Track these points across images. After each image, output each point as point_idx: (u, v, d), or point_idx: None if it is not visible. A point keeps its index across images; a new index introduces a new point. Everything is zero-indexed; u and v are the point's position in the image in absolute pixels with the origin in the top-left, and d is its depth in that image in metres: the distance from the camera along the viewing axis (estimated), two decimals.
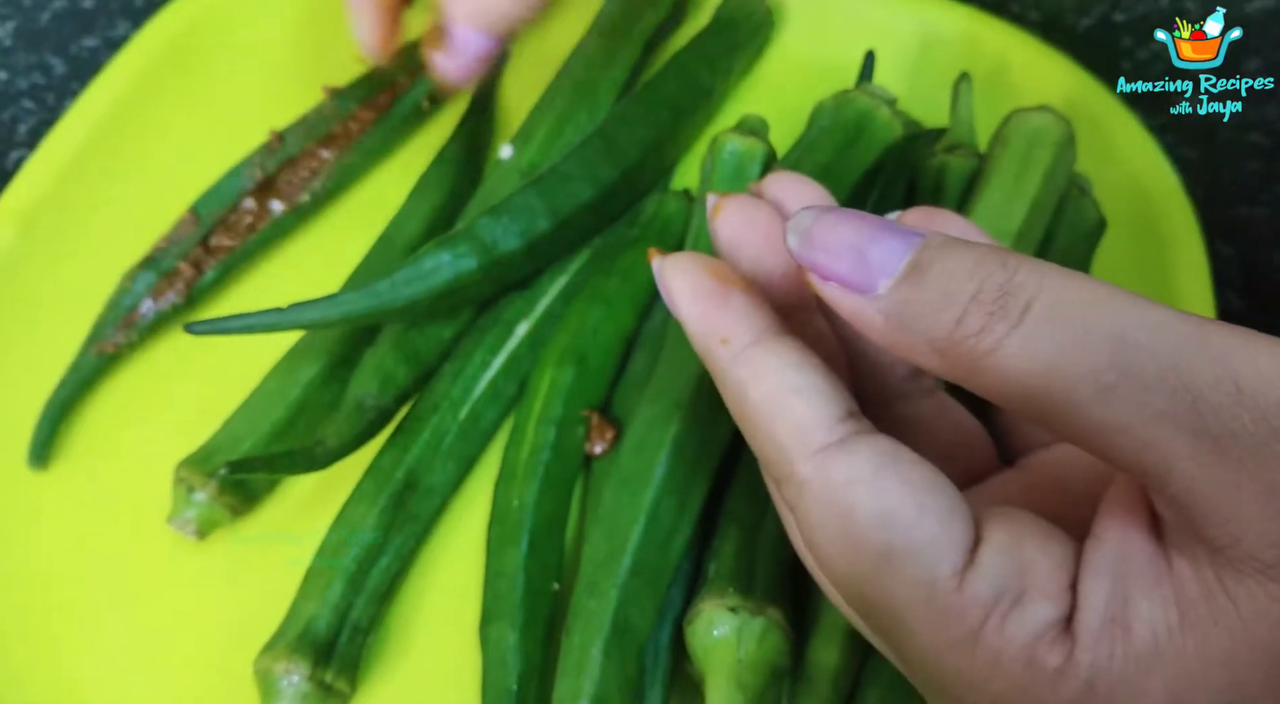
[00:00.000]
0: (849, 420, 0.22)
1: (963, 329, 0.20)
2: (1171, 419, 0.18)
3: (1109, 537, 0.20)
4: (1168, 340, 0.18)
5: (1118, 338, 0.18)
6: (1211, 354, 0.18)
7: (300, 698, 0.34)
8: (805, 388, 0.22)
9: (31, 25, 0.54)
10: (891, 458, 0.21)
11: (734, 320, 0.24)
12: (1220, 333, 0.18)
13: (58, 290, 0.44)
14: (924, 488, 0.21)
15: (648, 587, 0.33)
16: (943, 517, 0.21)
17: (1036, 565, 0.20)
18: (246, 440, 0.38)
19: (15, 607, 0.38)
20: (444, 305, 0.39)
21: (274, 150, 0.45)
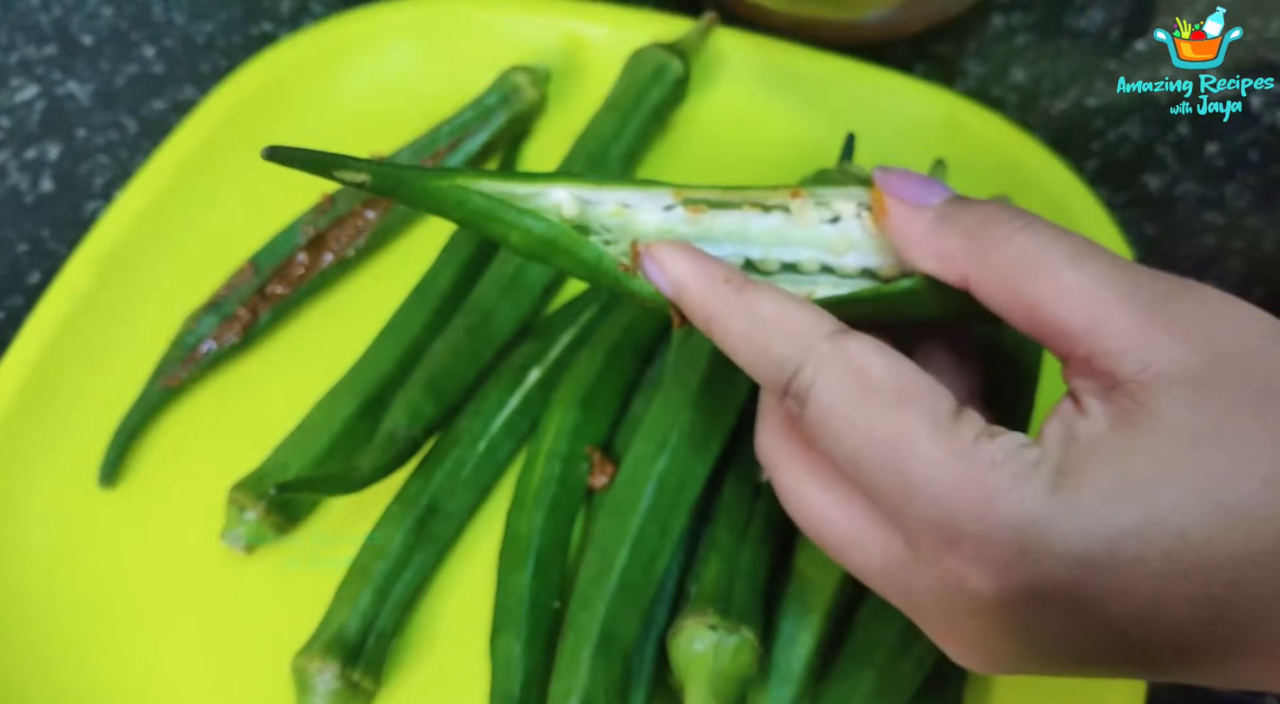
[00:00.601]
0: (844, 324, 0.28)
1: (989, 223, 0.27)
2: (1112, 284, 0.25)
3: (1047, 418, 0.26)
4: (1112, 253, 0.26)
5: (1087, 241, 0.26)
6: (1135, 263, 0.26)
7: (331, 694, 0.37)
8: (805, 302, 0.28)
9: (107, 88, 0.57)
10: (885, 344, 0.27)
11: (725, 266, 0.29)
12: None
13: (128, 329, 0.46)
14: (912, 362, 0.27)
15: (632, 601, 0.36)
16: (934, 380, 0.26)
17: (1002, 428, 0.26)
18: (293, 466, 0.41)
19: (84, 608, 0.41)
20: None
21: (325, 210, 0.48)
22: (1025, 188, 0.46)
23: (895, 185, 0.29)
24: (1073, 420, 0.25)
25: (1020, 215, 0.27)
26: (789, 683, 0.36)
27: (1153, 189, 0.54)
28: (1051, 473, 0.24)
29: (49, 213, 0.53)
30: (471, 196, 0.30)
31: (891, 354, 0.27)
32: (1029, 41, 0.59)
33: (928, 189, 0.29)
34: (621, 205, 0.30)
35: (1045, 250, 0.26)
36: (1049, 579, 0.23)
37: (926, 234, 0.28)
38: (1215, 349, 0.24)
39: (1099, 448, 0.24)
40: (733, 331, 0.28)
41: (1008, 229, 0.26)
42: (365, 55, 0.54)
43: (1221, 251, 0.52)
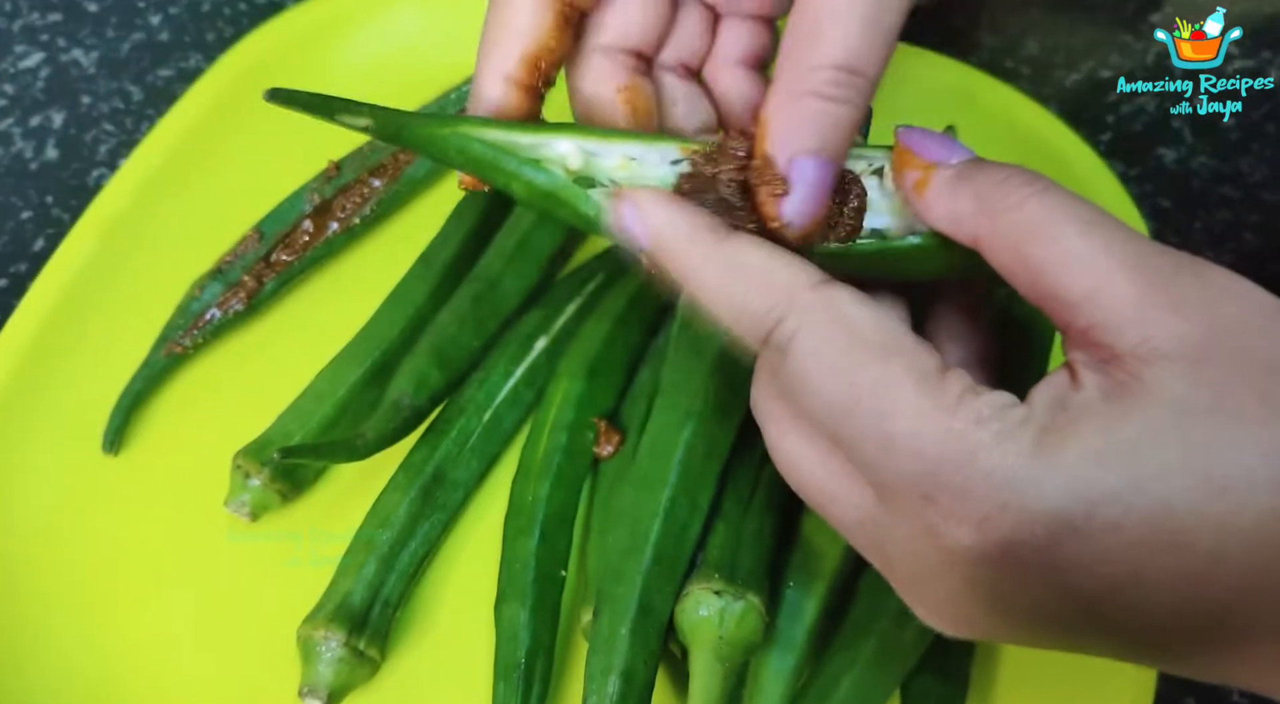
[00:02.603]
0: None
1: (1005, 185, 0.26)
2: (1119, 254, 0.24)
3: (1039, 385, 0.25)
4: (1122, 223, 0.25)
5: (1097, 210, 0.25)
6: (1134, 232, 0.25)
7: (336, 663, 0.37)
8: (790, 253, 0.28)
9: (113, 55, 0.57)
10: (869, 296, 0.27)
11: (708, 215, 0.28)
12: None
13: (133, 296, 0.46)
14: (898, 316, 0.27)
15: (667, 573, 0.36)
16: (920, 339, 0.26)
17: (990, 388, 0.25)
18: (297, 433, 0.41)
19: (89, 575, 0.41)
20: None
21: (331, 178, 0.48)
22: (1039, 160, 0.45)
23: (916, 142, 0.29)
24: (1064, 389, 0.25)
25: (1037, 180, 0.26)
26: (792, 650, 0.36)
27: (1168, 162, 0.53)
28: (1037, 432, 0.24)
29: (53, 180, 0.53)
30: (473, 144, 0.30)
31: (877, 307, 0.26)
32: (1043, 13, 0.58)
33: (948, 149, 0.28)
34: (628, 158, 0.30)
35: (1055, 216, 0.25)
36: (1027, 537, 0.23)
37: (941, 192, 0.27)
38: (1216, 326, 0.24)
39: (1088, 413, 0.24)
40: (710, 281, 0.28)
41: (1022, 193, 0.26)
42: (372, 23, 0.54)
43: (1236, 225, 0.51)
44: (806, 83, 0.27)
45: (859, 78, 0.28)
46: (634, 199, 0.28)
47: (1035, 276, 0.25)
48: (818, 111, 0.28)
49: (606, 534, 0.38)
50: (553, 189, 0.29)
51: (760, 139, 0.28)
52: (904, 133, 0.29)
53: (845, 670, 0.36)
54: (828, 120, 0.28)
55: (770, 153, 0.28)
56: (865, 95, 0.28)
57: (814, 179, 0.28)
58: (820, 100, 0.27)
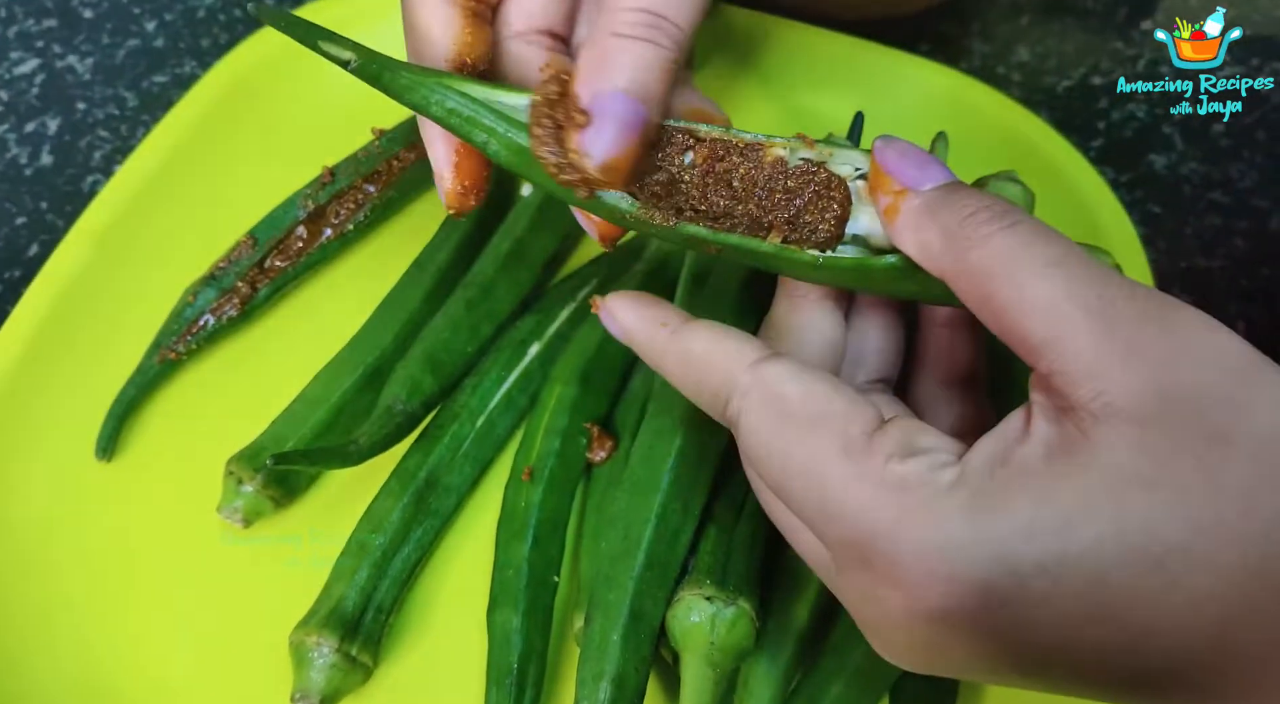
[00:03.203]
0: (770, 350, 0.29)
1: (972, 221, 0.26)
2: (1082, 300, 0.24)
3: (992, 431, 0.25)
4: (1093, 262, 0.25)
5: (1067, 247, 0.25)
6: (1116, 273, 0.25)
7: (328, 668, 0.37)
8: (734, 334, 0.29)
9: (108, 62, 0.57)
10: (809, 366, 0.28)
11: (666, 312, 0.31)
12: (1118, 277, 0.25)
13: (127, 302, 0.46)
14: (836, 384, 0.27)
15: (658, 579, 0.36)
16: (853, 398, 0.27)
17: (933, 441, 0.26)
18: (290, 439, 0.41)
19: (82, 581, 0.41)
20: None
21: (325, 184, 0.48)
22: (1030, 167, 0.46)
23: (892, 162, 0.28)
24: (1012, 442, 0.24)
25: (1006, 215, 0.26)
26: (782, 655, 0.36)
27: (1158, 168, 0.53)
28: (967, 497, 0.23)
29: (48, 186, 0.53)
30: (452, 96, 0.29)
31: (811, 376, 0.27)
32: (1034, 20, 0.58)
33: (923, 170, 0.28)
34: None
35: (1019, 255, 0.25)
36: (957, 605, 0.23)
37: (911, 221, 0.27)
38: (1172, 385, 0.23)
39: (1026, 476, 0.23)
40: (673, 372, 0.30)
41: (988, 229, 0.26)
42: (367, 28, 0.53)
43: (1227, 231, 0.51)
44: (610, 24, 0.29)
45: (664, 21, 0.28)
46: (606, 305, 0.32)
47: (998, 317, 0.25)
48: (619, 48, 0.28)
49: (599, 539, 0.38)
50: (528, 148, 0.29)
51: (571, 80, 0.29)
52: (880, 148, 0.29)
53: (835, 675, 0.36)
54: (628, 57, 0.28)
55: (576, 90, 0.28)
56: (673, 38, 0.29)
57: (612, 111, 0.28)
58: (621, 39, 0.28)
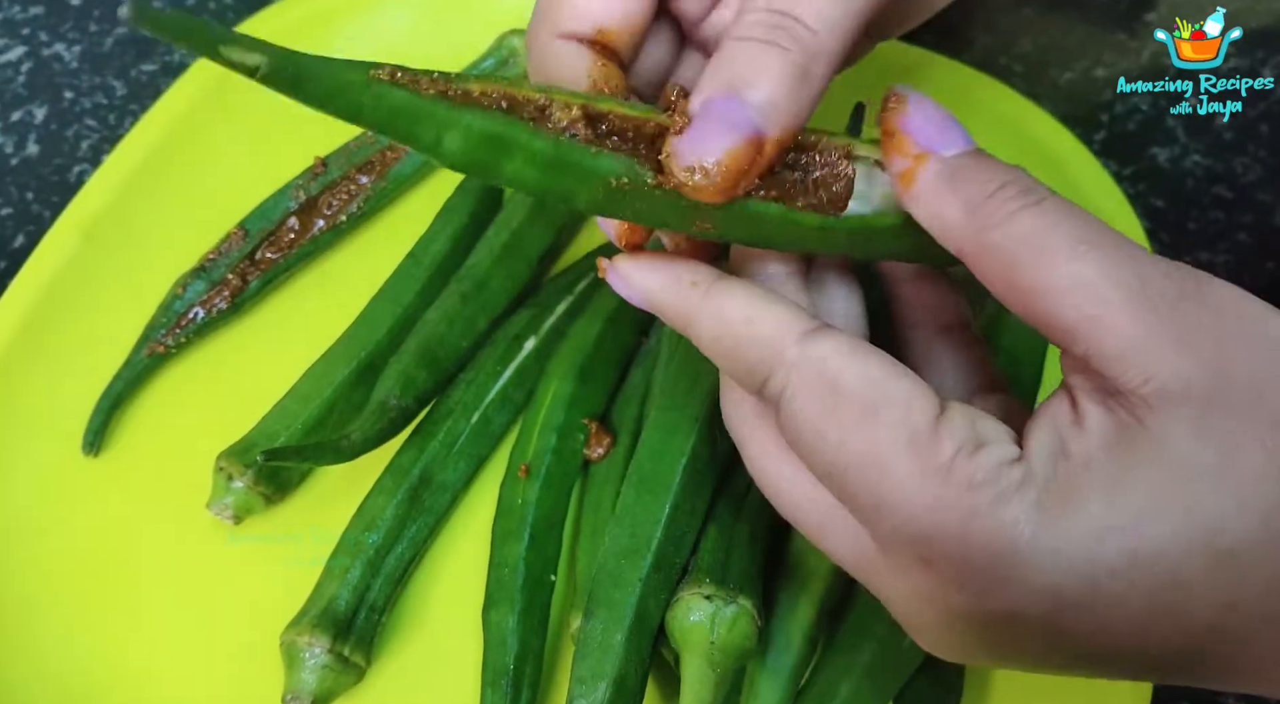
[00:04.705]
0: (818, 320, 0.26)
1: (998, 197, 0.24)
2: (1118, 280, 0.23)
3: (1039, 415, 0.24)
4: (1125, 238, 0.24)
5: (1097, 225, 0.24)
6: (1148, 253, 0.23)
7: (320, 669, 0.36)
8: (776, 300, 0.26)
9: (96, 50, 0.57)
10: (863, 343, 0.25)
11: (694, 268, 0.27)
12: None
13: (115, 294, 0.46)
14: (895, 365, 0.25)
15: (664, 580, 0.35)
16: (914, 381, 0.24)
17: (990, 427, 0.24)
18: (282, 434, 0.41)
19: (69, 578, 0.40)
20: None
21: (318, 175, 0.47)
22: (1034, 160, 0.44)
23: (910, 120, 0.26)
24: (1067, 431, 0.23)
25: (1031, 191, 0.24)
26: (788, 653, 0.36)
27: (1162, 162, 0.53)
28: (1036, 497, 0.22)
29: (34, 176, 0.53)
30: (393, 92, 0.24)
31: (866, 355, 0.25)
32: (1037, 12, 0.58)
33: (944, 133, 0.26)
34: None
35: (1047, 235, 0.23)
36: (1027, 608, 0.23)
37: (929, 191, 0.25)
38: (1225, 367, 0.22)
39: (1091, 471, 0.22)
40: (704, 336, 0.27)
41: (1014, 206, 0.24)
42: (360, 18, 0.54)
43: (1230, 225, 0.51)
44: (735, 28, 0.26)
45: (794, 23, 0.25)
46: (614, 269, 0.28)
47: (1026, 301, 0.24)
48: (736, 51, 0.26)
49: (601, 537, 0.37)
50: (498, 131, 0.25)
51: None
52: (898, 104, 0.26)
53: (845, 674, 0.36)
54: (744, 58, 0.25)
55: (690, 103, 0.26)
56: (802, 43, 0.25)
57: (717, 114, 0.25)
58: (740, 43, 0.25)
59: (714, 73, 0.26)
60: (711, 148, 0.25)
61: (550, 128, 0.25)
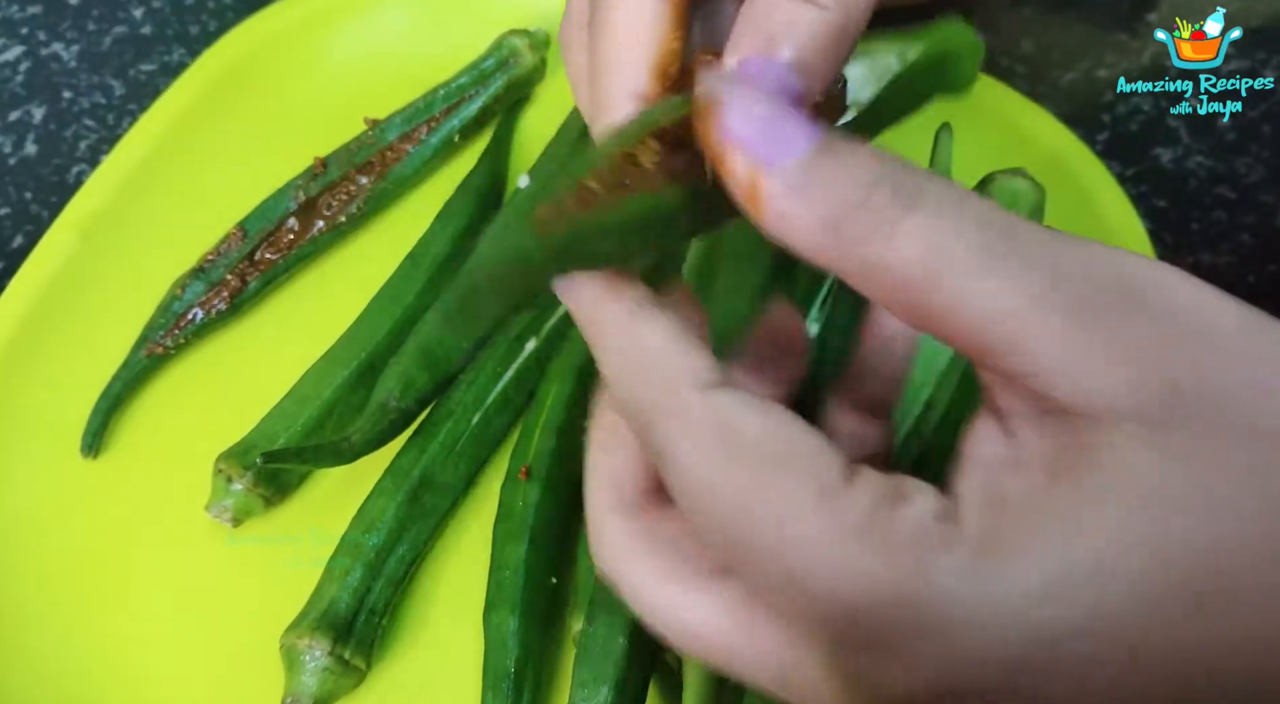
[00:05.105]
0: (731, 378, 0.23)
1: (864, 210, 0.20)
2: (1034, 291, 0.19)
3: (966, 450, 0.21)
4: (1036, 231, 0.20)
5: (998, 224, 0.20)
6: (1070, 243, 0.20)
7: (320, 672, 0.36)
8: (696, 344, 0.23)
9: (94, 49, 0.56)
10: (772, 401, 0.22)
11: (635, 290, 0.24)
12: (1075, 236, 0.20)
13: (113, 295, 0.45)
14: (801, 420, 0.21)
15: None
16: (823, 437, 0.21)
17: (910, 482, 0.21)
18: (281, 436, 0.41)
19: (67, 581, 0.40)
20: None
21: (317, 175, 0.47)
22: (1036, 160, 0.45)
23: (733, 126, 0.21)
24: (1000, 467, 0.20)
25: (906, 189, 0.20)
26: None
27: (1164, 162, 0.53)
28: (971, 554, 0.19)
29: (32, 176, 0.52)
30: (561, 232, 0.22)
31: (771, 409, 0.21)
32: (1038, 12, 0.58)
33: (776, 135, 0.21)
34: None
35: (942, 248, 0.19)
36: (975, 682, 0.19)
37: (777, 215, 0.21)
38: (1175, 374, 0.19)
39: (1034, 515, 0.19)
40: (610, 360, 0.23)
41: (890, 215, 0.20)
42: (359, 17, 0.53)
43: (1233, 226, 0.51)
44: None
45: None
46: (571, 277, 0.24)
47: (930, 323, 0.20)
48: (773, 7, 0.23)
49: None
50: None
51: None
52: (711, 103, 0.21)
53: None
54: (781, 16, 0.23)
55: (724, 61, 0.23)
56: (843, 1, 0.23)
57: (759, 77, 0.22)
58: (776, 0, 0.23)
59: (750, 28, 0.23)
60: (758, 113, 0.22)
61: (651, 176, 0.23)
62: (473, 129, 0.50)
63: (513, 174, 0.50)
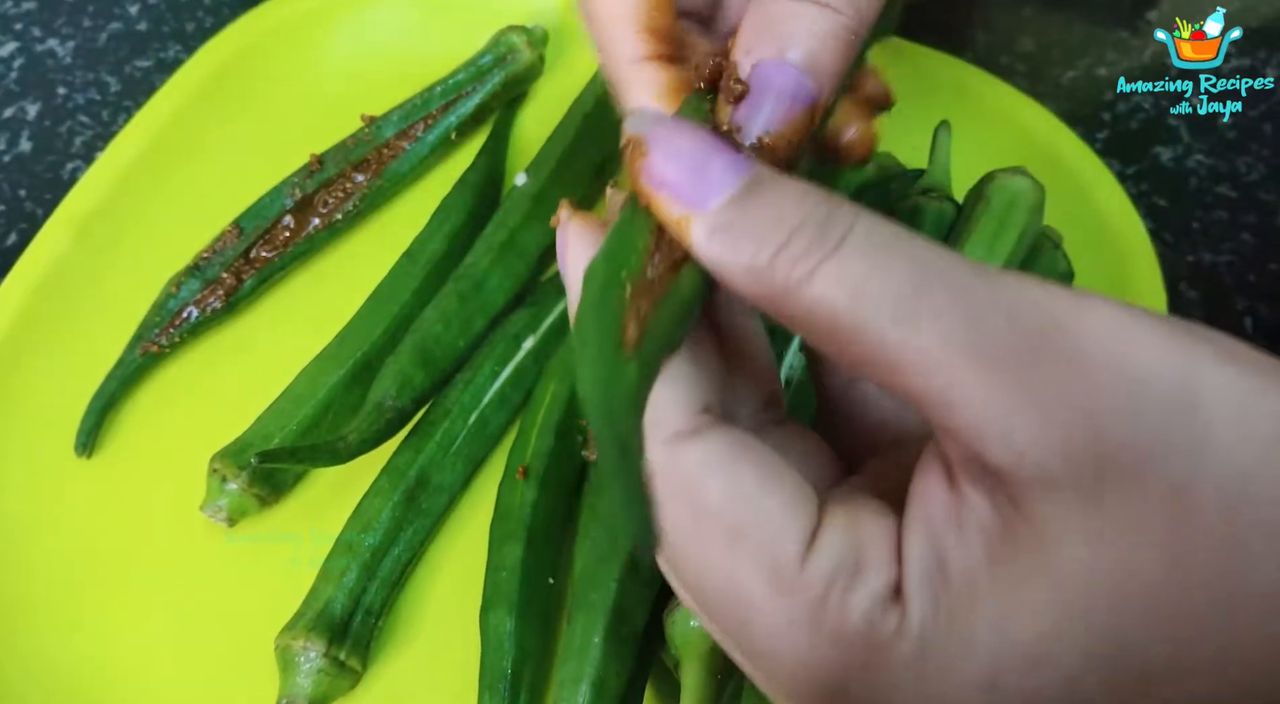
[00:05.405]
0: (706, 414, 0.22)
1: (785, 255, 0.20)
2: (960, 344, 0.18)
3: (916, 496, 0.21)
4: (962, 274, 0.19)
5: (920, 269, 0.19)
6: (994, 284, 0.19)
7: (316, 673, 0.36)
8: (672, 382, 0.22)
9: (90, 45, 0.56)
10: (743, 445, 0.22)
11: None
12: (1006, 274, 0.19)
13: (108, 293, 0.45)
14: (772, 473, 0.21)
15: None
16: (788, 498, 0.21)
17: (870, 538, 0.20)
18: (276, 436, 0.40)
19: (61, 582, 0.40)
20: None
21: (313, 172, 0.47)
22: (1036, 158, 0.45)
23: (657, 169, 0.21)
24: (945, 534, 0.20)
25: (826, 233, 0.20)
26: None
27: (1164, 161, 0.52)
28: (915, 650, 0.19)
29: (27, 173, 0.52)
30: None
31: (740, 464, 0.21)
32: (1037, 10, 0.57)
33: (700, 178, 0.21)
34: None
35: (859, 295, 0.19)
36: None
37: (708, 253, 0.21)
38: (1101, 426, 0.18)
39: (975, 595, 0.19)
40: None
41: (807, 263, 0.19)
42: (356, 13, 0.53)
43: (1233, 225, 0.51)
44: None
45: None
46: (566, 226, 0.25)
47: (860, 370, 0.20)
48: (788, 12, 0.23)
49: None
50: None
51: (731, 47, 0.24)
52: (636, 147, 0.22)
53: None
54: (797, 22, 0.23)
55: (735, 58, 0.24)
56: (852, 5, 0.23)
57: (775, 84, 0.23)
58: (790, 2, 0.23)
59: (761, 32, 0.24)
60: (770, 119, 0.23)
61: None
62: (470, 126, 0.50)
63: (510, 171, 0.50)
